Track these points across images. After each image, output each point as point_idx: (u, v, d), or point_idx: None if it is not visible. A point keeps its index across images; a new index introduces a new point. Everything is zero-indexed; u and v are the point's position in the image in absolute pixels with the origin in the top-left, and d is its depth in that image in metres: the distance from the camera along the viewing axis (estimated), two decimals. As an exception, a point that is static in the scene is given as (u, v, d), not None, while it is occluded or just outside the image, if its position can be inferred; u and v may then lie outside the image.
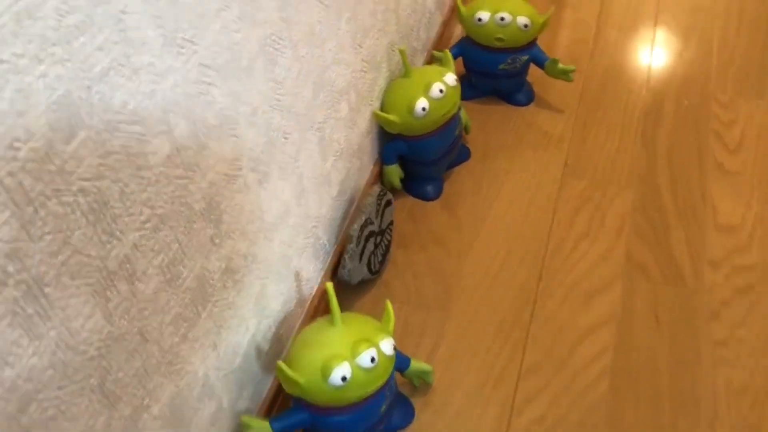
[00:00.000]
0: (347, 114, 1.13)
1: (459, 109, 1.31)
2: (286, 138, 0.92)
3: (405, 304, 1.20)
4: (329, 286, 0.90)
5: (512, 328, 1.16)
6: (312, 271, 1.10)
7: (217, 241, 0.79)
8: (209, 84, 0.72)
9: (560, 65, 1.44)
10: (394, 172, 1.32)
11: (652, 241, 1.27)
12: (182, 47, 0.66)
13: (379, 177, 1.34)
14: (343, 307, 0.92)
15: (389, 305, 0.96)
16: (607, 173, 1.39)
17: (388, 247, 1.25)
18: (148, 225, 0.66)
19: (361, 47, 1.14)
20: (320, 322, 0.94)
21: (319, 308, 1.13)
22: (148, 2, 0.60)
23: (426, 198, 1.36)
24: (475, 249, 1.28)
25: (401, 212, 1.35)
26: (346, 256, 1.12)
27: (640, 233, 1.28)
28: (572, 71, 1.44)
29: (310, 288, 1.11)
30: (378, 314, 0.97)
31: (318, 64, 0.98)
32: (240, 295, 0.87)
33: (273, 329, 0.99)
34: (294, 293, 1.04)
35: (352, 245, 1.12)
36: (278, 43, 0.85)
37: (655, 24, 1.73)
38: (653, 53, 1.65)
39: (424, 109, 1.22)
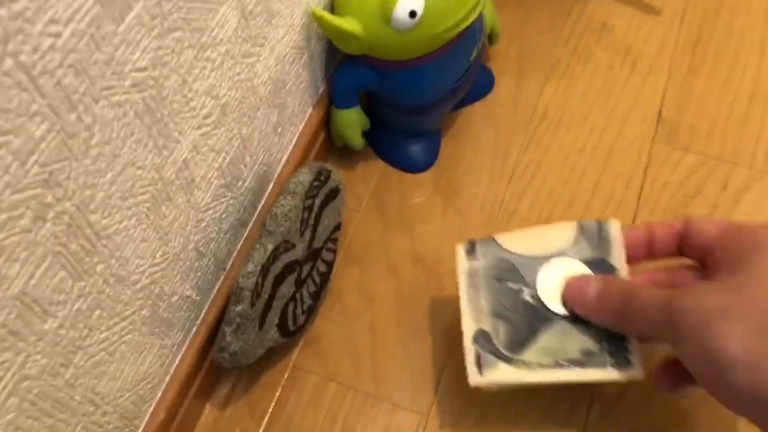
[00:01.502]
0: (236, 30, 0.50)
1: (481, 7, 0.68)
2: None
3: (350, 390, 0.64)
4: None
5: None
6: (149, 367, 0.53)
7: None
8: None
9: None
10: (353, 120, 0.71)
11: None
12: None
13: (325, 128, 0.73)
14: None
15: None
16: (732, 144, 0.78)
17: (326, 274, 0.67)
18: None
19: None
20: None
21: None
22: None
23: (409, 168, 0.76)
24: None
25: (362, 192, 0.75)
26: (228, 330, 0.55)
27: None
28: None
29: (151, 392, 0.55)
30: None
31: None
32: None
33: None
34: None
35: (242, 307, 0.54)
36: None
37: None
38: None
39: (413, 13, 0.60)
